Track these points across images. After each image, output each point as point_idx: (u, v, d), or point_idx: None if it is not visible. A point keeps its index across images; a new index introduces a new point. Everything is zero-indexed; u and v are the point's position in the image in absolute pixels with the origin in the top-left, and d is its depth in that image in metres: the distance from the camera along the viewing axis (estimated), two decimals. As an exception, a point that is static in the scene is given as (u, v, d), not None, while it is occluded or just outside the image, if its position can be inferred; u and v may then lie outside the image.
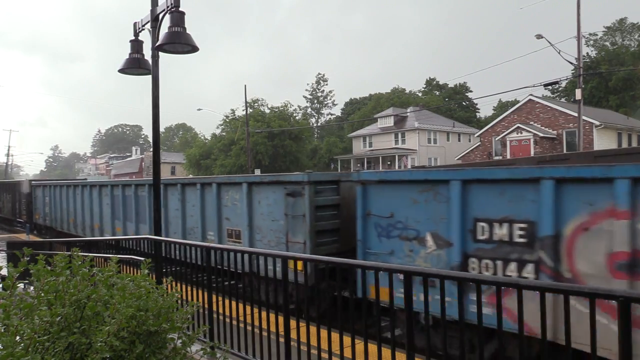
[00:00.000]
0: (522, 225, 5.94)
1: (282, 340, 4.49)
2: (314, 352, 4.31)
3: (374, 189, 7.44)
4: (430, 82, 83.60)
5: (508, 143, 38.67)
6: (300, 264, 4.30)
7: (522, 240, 5.93)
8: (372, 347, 3.70)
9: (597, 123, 35.75)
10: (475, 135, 47.93)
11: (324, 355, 4.18)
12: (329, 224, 9.23)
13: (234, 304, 5.20)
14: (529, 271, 5.88)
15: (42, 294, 2.91)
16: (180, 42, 6.23)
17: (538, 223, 5.77)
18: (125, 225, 14.62)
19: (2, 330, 2.57)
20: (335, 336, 3.96)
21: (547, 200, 5.68)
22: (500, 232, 6.12)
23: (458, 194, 6.43)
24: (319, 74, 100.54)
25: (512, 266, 6.02)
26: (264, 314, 4.66)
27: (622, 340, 2.43)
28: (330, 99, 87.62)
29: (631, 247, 5.14)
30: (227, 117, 54.98)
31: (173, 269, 6.18)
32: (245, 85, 42.63)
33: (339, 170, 54.26)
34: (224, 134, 55.59)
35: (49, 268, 3.09)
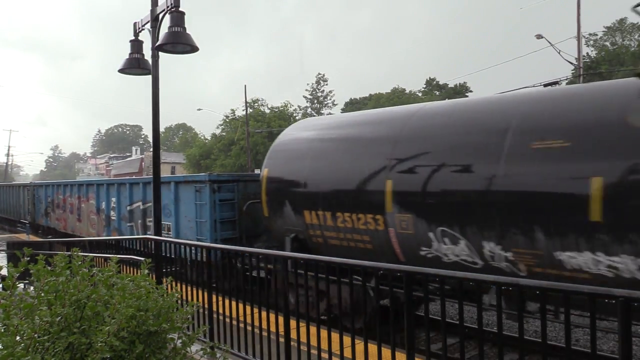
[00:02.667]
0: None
1: (282, 340, 4.49)
2: (314, 352, 4.31)
3: None
4: (430, 82, 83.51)
5: (508, 143, 38.58)
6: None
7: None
8: (372, 347, 3.69)
9: (597, 123, 35.65)
10: (475, 135, 47.81)
11: (324, 355, 4.18)
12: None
13: (234, 304, 5.19)
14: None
15: (42, 294, 2.91)
16: (180, 42, 6.23)
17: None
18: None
19: (2, 330, 2.57)
20: (335, 336, 3.95)
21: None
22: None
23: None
24: (319, 74, 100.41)
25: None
26: (264, 314, 4.66)
27: (622, 340, 2.43)
28: (330, 99, 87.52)
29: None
30: (227, 117, 54.99)
31: (173, 268, 6.19)
32: (245, 86, 42.65)
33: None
34: (224, 134, 55.58)
35: (49, 268, 3.09)
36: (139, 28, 7.23)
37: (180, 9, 6.23)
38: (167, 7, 6.33)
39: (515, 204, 5.93)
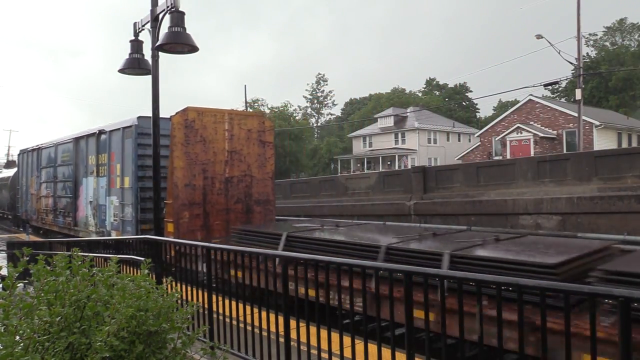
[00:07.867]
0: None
1: (282, 340, 4.49)
2: (314, 352, 4.31)
3: None
4: (430, 82, 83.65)
5: (508, 143, 38.68)
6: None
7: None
8: (372, 347, 3.70)
9: (597, 123, 35.74)
10: (475, 135, 47.93)
11: (324, 355, 4.18)
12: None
13: (234, 304, 5.19)
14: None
15: (42, 294, 2.91)
16: (179, 42, 6.24)
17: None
18: None
19: (2, 330, 2.57)
20: (335, 336, 3.96)
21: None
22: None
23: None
24: (319, 73, 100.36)
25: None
26: (264, 314, 4.66)
27: (622, 340, 2.43)
28: (330, 99, 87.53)
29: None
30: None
31: (173, 269, 6.19)
32: (245, 86, 42.83)
33: (339, 170, 54.26)
34: (224, 134, 55.54)
35: (49, 268, 3.09)
36: (139, 28, 7.24)
37: (181, 8, 6.24)
38: (167, 7, 6.33)
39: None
